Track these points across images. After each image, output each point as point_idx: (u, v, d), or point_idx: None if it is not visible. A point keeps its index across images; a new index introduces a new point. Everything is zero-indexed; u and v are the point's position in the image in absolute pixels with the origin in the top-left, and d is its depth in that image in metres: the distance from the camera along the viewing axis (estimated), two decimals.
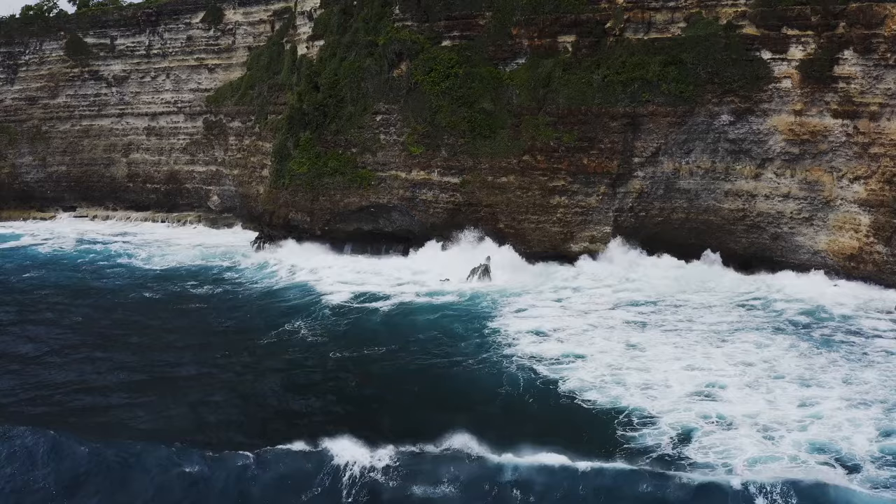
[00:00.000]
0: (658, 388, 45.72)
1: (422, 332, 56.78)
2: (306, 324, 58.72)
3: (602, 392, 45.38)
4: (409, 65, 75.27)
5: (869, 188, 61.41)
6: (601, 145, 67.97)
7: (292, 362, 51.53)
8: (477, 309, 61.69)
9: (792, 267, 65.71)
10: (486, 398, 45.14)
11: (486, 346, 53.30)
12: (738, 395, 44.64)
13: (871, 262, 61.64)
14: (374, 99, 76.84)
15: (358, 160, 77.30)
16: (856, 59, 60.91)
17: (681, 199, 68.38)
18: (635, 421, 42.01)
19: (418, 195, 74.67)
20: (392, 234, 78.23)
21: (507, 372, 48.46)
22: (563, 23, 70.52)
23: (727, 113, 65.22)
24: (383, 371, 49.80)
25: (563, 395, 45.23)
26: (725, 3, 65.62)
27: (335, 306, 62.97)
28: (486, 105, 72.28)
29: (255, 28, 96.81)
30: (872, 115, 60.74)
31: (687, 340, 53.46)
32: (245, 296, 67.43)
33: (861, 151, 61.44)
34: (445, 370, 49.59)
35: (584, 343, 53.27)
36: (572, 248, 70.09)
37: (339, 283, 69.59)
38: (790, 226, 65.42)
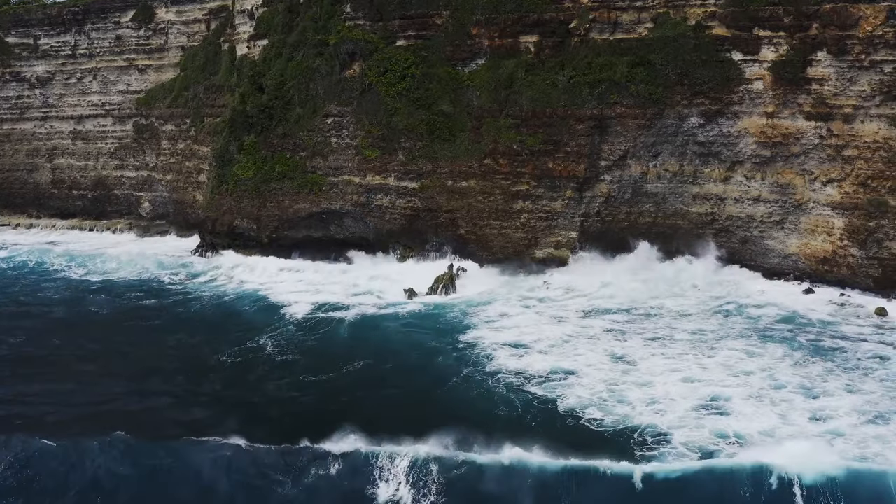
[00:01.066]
0: (663, 403, 43.98)
1: (394, 347, 54.10)
2: (271, 340, 55.33)
3: (605, 410, 43.41)
4: (362, 65, 72.29)
5: (843, 191, 60.63)
6: (567, 148, 65.98)
7: (263, 389, 47.92)
8: (446, 320, 59.20)
9: (762, 270, 64.91)
10: (484, 422, 42.22)
11: (466, 361, 50.86)
12: (747, 409, 43.14)
13: (846, 265, 60.86)
14: (325, 101, 73.64)
15: (307, 164, 74.00)
16: (829, 61, 60.07)
17: (648, 202, 66.82)
18: (650, 440, 40.16)
19: (374, 201, 71.73)
20: (344, 242, 75.05)
21: (497, 392, 46.12)
22: (525, 22, 68.37)
23: (697, 115, 63.87)
24: (366, 396, 46.57)
25: (565, 415, 43.03)
26: (694, 3, 64.24)
27: (297, 320, 59.81)
28: (445, 107, 69.75)
29: (189, 27, 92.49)
30: (846, 118, 59.98)
31: (674, 350, 51.87)
32: (197, 309, 63.61)
33: (835, 154, 60.63)
34: (431, 391, 46.87)
35: (568, 355, 51.30)
36: (537, 253, 67.93)
37: (293, 293, 66.45)
38: (760, 229, 64.36)
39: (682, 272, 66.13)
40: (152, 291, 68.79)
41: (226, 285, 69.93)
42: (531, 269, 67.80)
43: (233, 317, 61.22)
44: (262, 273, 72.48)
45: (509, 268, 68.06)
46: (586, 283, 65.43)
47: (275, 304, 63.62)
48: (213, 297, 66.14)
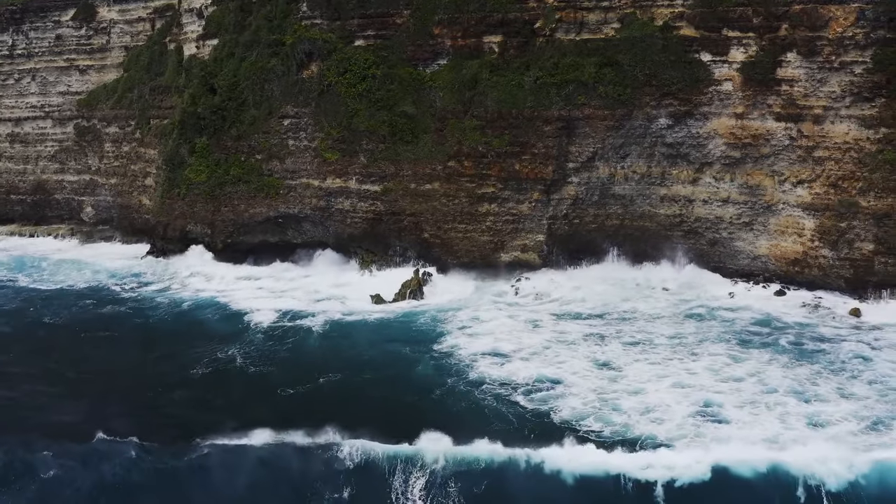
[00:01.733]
0: (658, 411, 43.06)
1: (368, 357, 52.37)
2: (240, 351, 53.14)
3: (602, 420, 42.33)
4: (320, 65, 70.34)
5: (813, 192, 60.49)
6: (534, 150, 64.84)
7: (239, 404, 45.68)
8: (418, 327, 57.74)
9: (731, 272, 64.59)
10: (480, 436, 40.57)
11: (447, 371, 49.40)
12: (744, 415, 42.42)
13: (817, 266, 60.71)
14: (281, 102, 71.52)
15: (264, 167, 71.80)
16: (799, 62, 59.89)
17: (615, 205, 66.01)
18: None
19: (334, 204, 69.81)
20: (302, 247, 73.01)
21: (486, 404, 44.66)
22: (489, 22, 67.12)
23: (665, 116, 63.24)
24: (349, 409, 44.28)
25: (563, 427, 41.57)
26: (661, 3, 63.60)
27: (263, 328, 57.73)
28: (408, 108, 68.15)
29: (132, 27, 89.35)
30: (816, 119, 59.87)
31: (657, 355, 51.09)
32: (157, 318, 61.16)
33: (805, 155, 60.47)
34: (417, 403, 45.15)
35: (551, 363, 50.11)
36: (503, 257, 66.70)
37: (254, 300, 64.40)
38: (729, 231, 63.98)
39: (651, 275, 65.74)
40: (106, 300, 66.01)
41: (181, 292, 67.35)
42: (499, 274, 66.73)
43: (195, 326, 58.83)
44: (220, 280, 70.05)
45: (476, 272, 66.87)
46: (556, 286, 64.55)
47: (237, 312, 61.40)
48: (170, 306, 63.67)
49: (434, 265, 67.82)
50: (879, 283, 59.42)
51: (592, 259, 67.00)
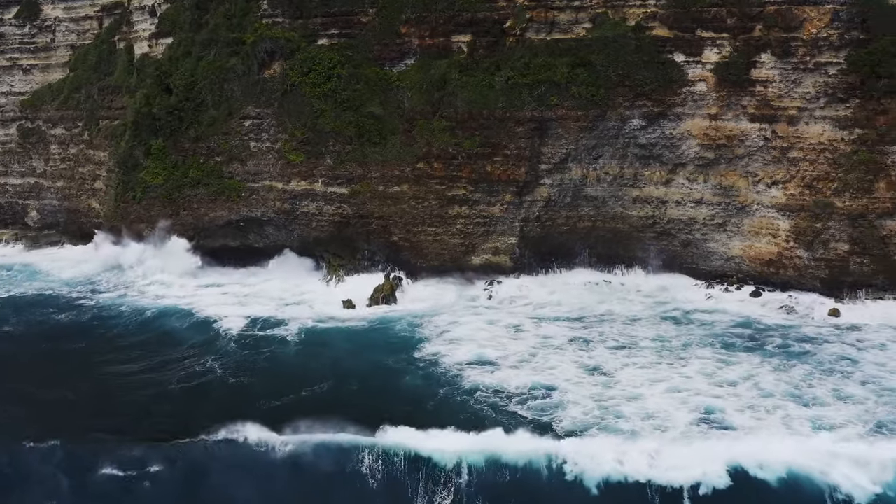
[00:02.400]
0: (660, 418, 42.49)
1: (350, 366, 50.73)
2: (217, 362, 51.30)
3: (608, 429, 41.38)
4: (283, 65, 68.44)
5: (788, 193, 60.49)
6: (506, 151, 63.79)
7: (224, 416, 42.90)
8: (396, 335, 56.28)
9: (704, 273, 64.39)
10: None
11: (436, 380, 48.26)
12: (746, 421, 41.94)
13: (792, 267, 60.70)
14: (242, 102, 69.40)
15: (224, 169, 69.58)
16: (773, 63, 59.85)
17: (588, 206, 65.32)
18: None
19: (299, 207, 67.94)
20: (264, 251, 71.02)
21: (484, 415, 43.52)
22: (457, 21, 65.93)
23: (638, 117, 62.74)
24: (342, 422, 42.18)
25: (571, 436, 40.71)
26: (633, 3, 63.07)
27: (235, 336, 55.72)
28: (375, 109, 66.60)
29: (79, 25, 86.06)
30: (791, 119, 59.88)
31: (644, 358, 50.65)
32: (121, 327, 58.78)
33: (780, 156, 60.44)
34: (413, 416, 43.01)
35: (540, 369, 49.22)
36: (474, 260, 65.56)
37: (219, 307, 62.11)
38: (703, 232, 63.73)
39: (624, 277, 65.28)
40: (63, 308, 63.28)
41: (140, 300, 64.76)
42: (470, 277, 65.54)
43: (164, 335, 56.64)
44: (180, 287, 67.67)
45: (447, 276, 65.62)
46: (529, 289, 63.70)
47: (205, 320, 59.24)
48: (133, 314, 61.19)
49: (403, 269, 66.41)
50: (855, 284, 59.68)
51: (564, 261, 66.37)
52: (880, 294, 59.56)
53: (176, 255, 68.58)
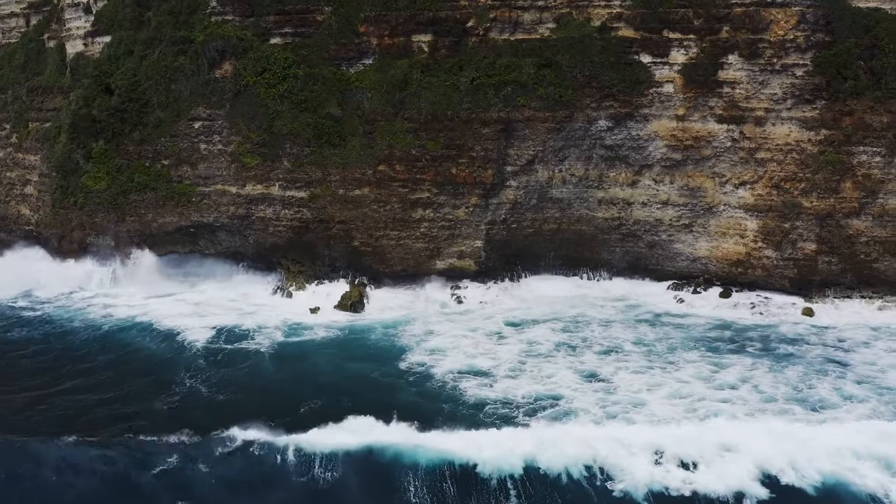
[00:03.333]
0: (671, 425, 41.66)
1: (337, 380, 49.19)
2: (197, 379, 49.22)
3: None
4: (235, 64, 65.84)
5: (756, 193, 60.79)
6: (472, 153, 62.56)
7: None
8: (374, 345, 54.80)
9: (669, 275, 64.38)
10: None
11: (434, 395, 46.88)
12: (759, 429, 41.20)
13: (761, 267, 61.08)
14: (191, 103, 66.55)
15: (173, 173, 66.63)
16: (741, 64, 60.03)
17: (553, 208, 64.58)
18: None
19: (255, 212, 65.46)
20: (214, 258, 68.32)
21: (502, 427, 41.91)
22: (418, 20, 64.35)
23: (605, 118, 62.21)
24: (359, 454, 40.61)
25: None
26: (598, 4, 62.51)
27: (204, 351, 53.55)
28: (333, 110, 64.58)
29: (4, 23, 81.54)
30: (758, 120, 60.18)
31: (634, 362, 50.50)
32: (80, 342, 55.62)
33: (747, 157, 60.70)
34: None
35: (538, 378, 48.43)
36: (438, 264, 64.22)
37: (178, 318, 59.85)
38: (669, 233, 63.62)
39: (591, 280, 64.83)
40: (10, 323, 59.51)
41: (90, 311, 61.63)
42: (434, 282, 64.31)
43: (131, 352, 53.87)
44: (128, 297, 64.60)
45: (410, 281, 64.28)
46: (497, 294, 62.89)
47: (167, 333, 56.73)
48: (90, 329, 58.00)
49: (366, 275, 64.77)
50: (823, 283, 60.46)
51: (530, 264, 65.71)
52: (847, 293, 60.51)
53: (144, 271, 66.25)
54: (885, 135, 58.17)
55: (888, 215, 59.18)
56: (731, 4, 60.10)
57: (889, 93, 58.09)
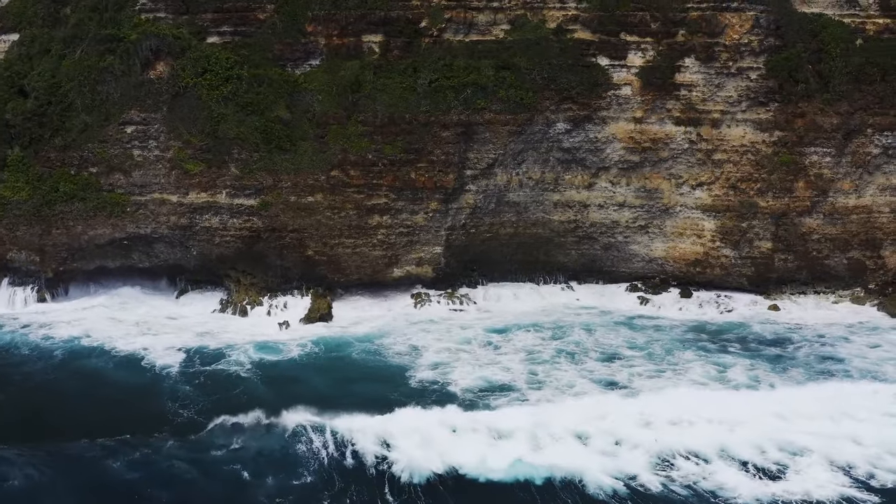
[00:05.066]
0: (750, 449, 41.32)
1: (350, 404, 45.53)
2: (188, 409, 45.50)
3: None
4: (172, 65, 61.75)
5: (713, 194, 62.11)
6: (432, 157, 61.05)
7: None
8: (364, 363, 52.68)
9: (624, 276, 65.05)
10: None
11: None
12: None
13: (719, 266, 62.52)
14: (122, 106, 61.79)
15: (103, 182, 61.76)
16: (697, 67, 61.14)
17: (510, 212, 63.88)
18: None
19: (199, 222, 61.60)
20: (149, 272, 64.16)
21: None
22: (369, 20, 62.19)
23: (564, 121, 61.96)
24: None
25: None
26: (553, 6, 62.19)
27: (180, 376, 50.06)
28: (282, 113, 61.59)
29: None
30: (714, 122, 61.49)
31: (643, 367, 50.95)
32: (41, 372, 50.67)
33: (704, 158, 61.90)
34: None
35: (564, 389, 47.12)
36: (395, 272, 62.42)
37: (129, 339, 55.91)
38: (625, 235, 64.15)
39: (550, 284, 64.77)
40: None
41: (29, 335, 56.13)
42: (392, 291, 62.82)
43: (104, 383, 49.36)
44: (65, 315, 60.03)
45: (369, 291, 62.45)
46: (462, 302, 62.22)
47: (130, 358, 52.67)
48: (43, 357, 52.84)
49: (320, 285, 62.33)
50: (779, 280, 62.57)
51: (486, 270, 64.96)
52: (802, 289, 62.97)
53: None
54: (835, 136, 60.73)
55: (837, 213, 61.87)
56: (688, 8, 61.12)
57: (836, 95, 60.68)
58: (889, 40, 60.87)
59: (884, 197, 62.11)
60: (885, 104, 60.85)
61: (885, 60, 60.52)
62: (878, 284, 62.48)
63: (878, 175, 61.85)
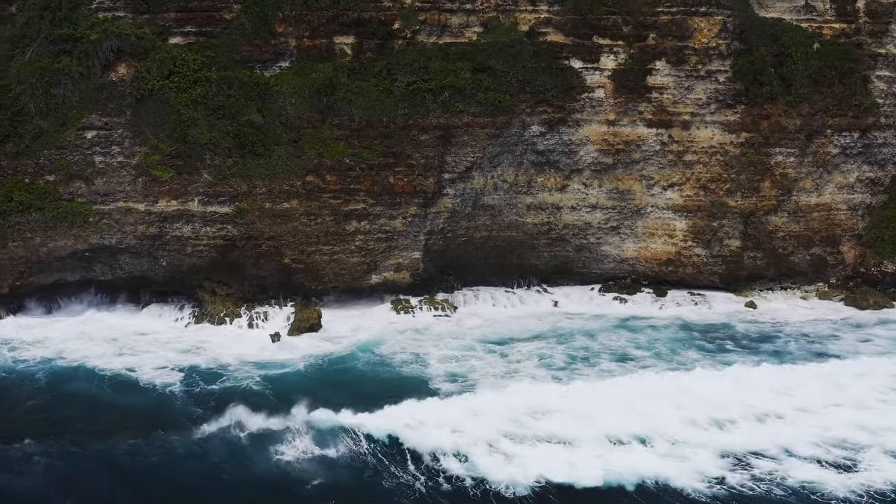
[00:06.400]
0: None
1: None
2: (223, 428, 43.22)
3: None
4: (136, 66, 58.66)
5: (684, 194, 63.40)
6: (411, 161, 60.03)
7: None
8: (374, 374, 51.10)
9: (595, 277, 65.74)
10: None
11: None
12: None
13: (691, 265, 63.89)
14: (81, 110, 58.22)
15: (62, 190, 58.08)
16: (668, 70, 62.29)
17: (484, 216, 63.51)
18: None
19: (169, 231, 58.69)
20: (109, 284, 60.86)
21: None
22: (342, 21, 60.74)
23: (538, 123, 62.03)
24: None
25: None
26: (524, 8, 62.16)
27: (191, 397, 47.20)
28: (254, 117, 59.38)
29: None
30: (684, 124, 62.78)
31: (661, 368, 50.66)
32: (30, 398, 46.96)
33: (676, 159, 63.09)
34: None
35: (596, 413, 44.40)
36: (373, 279, 61.15)
37: (109, 358, 52.37)
38: (597, 236, 64.73)
39: (528, 289, 64.86)
40: None
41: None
42: (374, 297, 61.61)
43: (108, 409, 45.82)
44: (19, 331, 56.26)
45: (349, 298, 61.00)
46: (445, 309, 61.41)
47: (122, 379, 49.45)
48: (25, 382, 48.87)
49: (297, 294, 60.49)
50: (749, 277, 64.54)
51: (461, 274, 64.45)
52: (770, 285, 65.17)
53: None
54: (798, 136, 63.05)
55: (801, 211, 64.27)
56: (658, 12, 62.19)
57: (798, 97, 63.01)
58: (845, 44, 63.72)
59: (841, 195, 65.01)
60: (843, 106, 63.74)
61: (841, 64, 63.36)
62: (838, 279, 65.38)
63: (836, 174, 64.66)
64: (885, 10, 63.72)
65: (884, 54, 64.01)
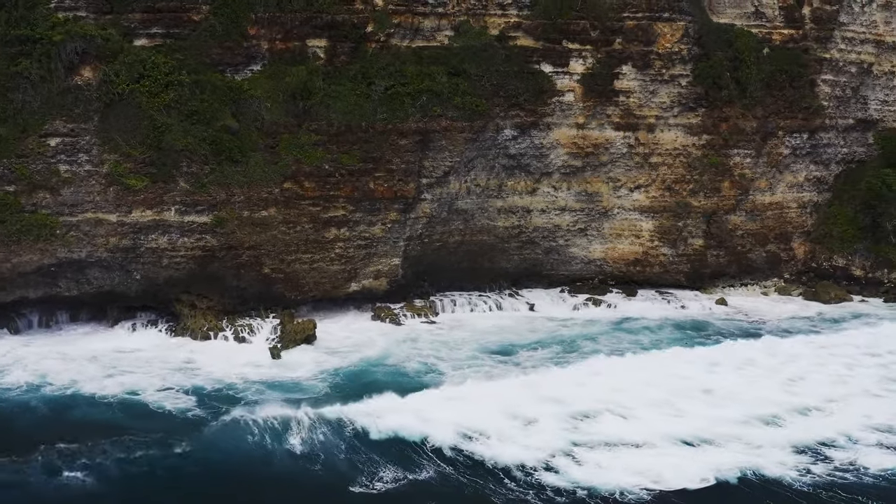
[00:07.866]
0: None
1: None
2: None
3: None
4: (103, 69, 55.32)
5: (650, 195, 64.89)
6: (391, 166, 59.02)
7: None
8: (400, 384, 48.32)
9: (562, 278, 66.42)
10: None
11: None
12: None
13: (658, 264, 65.43)
14: (43, 116, 54.46)
15: (24, 202, 54.08)
16: (634, 74, 63.67)
17: (458, 220, 63.23)
18: None
19: (144, 243, 55.56)
20: (74, 301, 57.24)
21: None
22: (315, 24, 59.18)
23: (511, 127, 62.31)
24: None
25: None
26: (494, 13, 62.20)
27: (207, 422, 43.50)
28: (229, 122, 57.04)
29: None
30: (649, 127, 64.33)
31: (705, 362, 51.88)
32: (31, 423, 43.43)
33: (642, 161, 64.52)
34: None
35: (673, 412, 44.63)
36: (352, 287, 59.81)
37: (98, 381, 48.41)
38: (566, 238, 65.46)
39: (507, 294, 64.96)
40: None
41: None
42: (352, 306, 60.39)
43: (140, 433, 41.99)
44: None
45: (329, 307, 59.59)
46: (426, 317, 60.46)
47: (129, 404, 45.84)
48: (19, 409, 44.65)
49: (278, 304, 58.39)
50: (712, 274, 66.71)
51: (434, 279, 63.91)
52: (731, 282, 67.35)
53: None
54: (754, 138, 65.62)
55: (757, 210, 66.89)
56: (624, 17, 63.41)
57: (753, 101, 65.59)
58: (793, 49, 66.72)
59: (792, 193, 68.10)
60: (794, 108, 66.83)
61: (791, 68, 66.36)
62: (791, 274, 68.44)
63: (787, 173, 67.70)
64: (829, 16, 67.17)
65: (828, 59, 67.50)
